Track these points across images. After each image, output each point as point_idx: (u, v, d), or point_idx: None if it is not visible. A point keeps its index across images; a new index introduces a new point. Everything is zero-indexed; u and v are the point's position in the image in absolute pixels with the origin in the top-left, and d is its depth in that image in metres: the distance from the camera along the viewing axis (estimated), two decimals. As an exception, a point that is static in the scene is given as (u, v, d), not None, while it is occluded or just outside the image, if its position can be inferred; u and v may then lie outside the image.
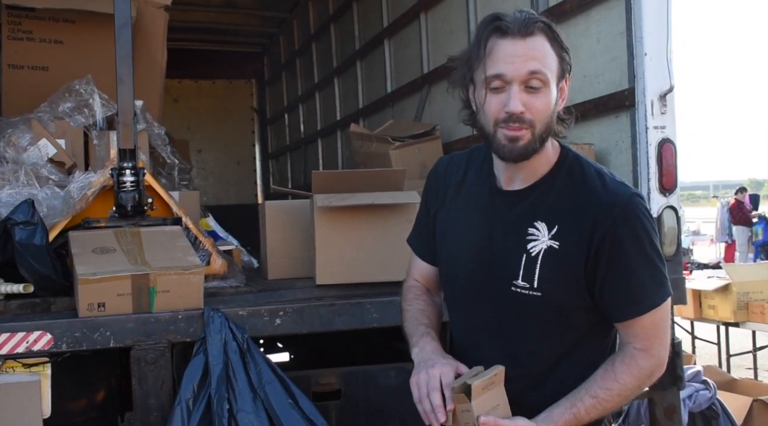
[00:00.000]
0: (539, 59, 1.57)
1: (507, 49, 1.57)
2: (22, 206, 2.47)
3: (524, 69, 1.56)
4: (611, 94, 3.14)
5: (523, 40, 1.57)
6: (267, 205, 3.18)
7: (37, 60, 3.81)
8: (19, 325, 2.26)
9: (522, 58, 1.56)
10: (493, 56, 1.58)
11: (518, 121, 1.58)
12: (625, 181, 1.71)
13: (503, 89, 1.58)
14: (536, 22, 1.58)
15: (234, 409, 2.23)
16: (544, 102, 1.59)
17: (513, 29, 1.57)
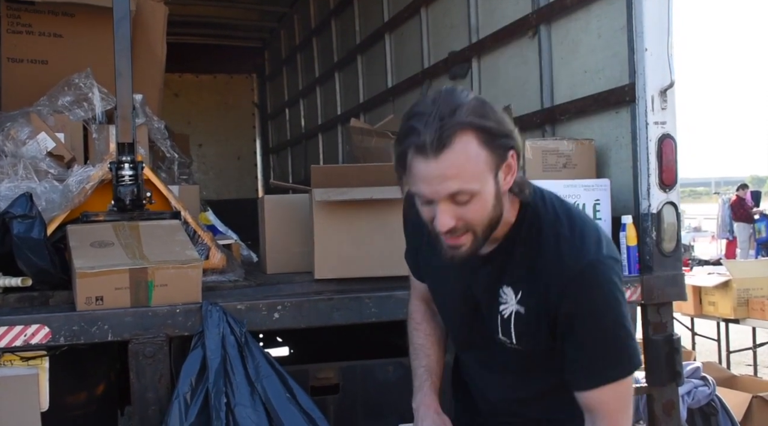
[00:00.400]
0: (458, 177, 1.45)
1: (422, 171, 1.45)
2: (20, 200, 2.46)
3: (443, 192, 1.46)
4: (611, 90, 3.13)
5: (437, 160, 1.43)
6: (266, 200, 3.17)
7: (37, 53, 3.81)
8: (17, 319, 2.26)
9: (438, 179, 1.45)
10: (412, 173, 1.47)
11: (453, 232, 1.51)
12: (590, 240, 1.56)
13: (430, 203, 1.50)
14: (452, 129, 1.43)
15: (231, 403, 2.23)
16: (476, 209, 1.49)
17: (426, 146, 1.43)
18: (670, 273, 2.87)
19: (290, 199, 3.27)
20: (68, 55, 3.79)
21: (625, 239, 2.86)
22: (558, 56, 3.58)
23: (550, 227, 1.57)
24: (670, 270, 2.88)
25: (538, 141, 3.18)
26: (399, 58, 5.51)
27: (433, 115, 1.44)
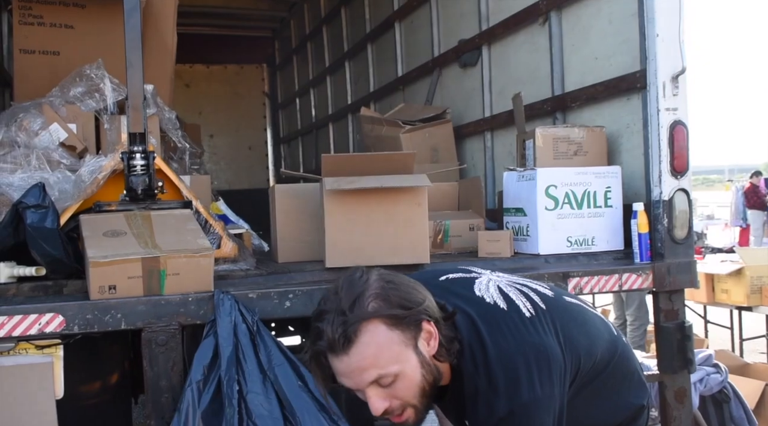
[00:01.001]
0: (374, 365, 1.50)
1: (339, 368, 1.52)
2: (33, 190, 2.48)
3: (363, 382, 1.52)
4: (623, 76, 3.11)
5: (348, 356, 1.49)
6: (277, 189, 3.18)
7: (48, 45, 3.82)
8: (31, 308, 2.28)
9: (356, 372, 1.51)
10: (335, 368, 1.54)
11: (390, 413, 1.56)
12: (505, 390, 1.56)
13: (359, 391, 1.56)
14: (355, 325, 1.49)
15: (244, 390, 2.24)
16: (405, 387, 1.54)
17: (334, 346, 1.50)
18: (682, 260, 2.86)
19: (301, 188, 3.27)
20: (79, 46, 3.80)
21: (637, 226, 2.85)
22: (569, 43, 3.57)
23: (469, 382, 1.60)
24: (682, 257, 2.87)
25: (548, 128, 3.17)
26: (409, 46, 5.50)
27: (335, 311, 1.50)
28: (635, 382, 1.85)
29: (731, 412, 4.02)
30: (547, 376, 1.58)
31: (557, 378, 1.59)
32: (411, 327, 1.54)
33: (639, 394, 1.86)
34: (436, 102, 4.88)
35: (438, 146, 4.37)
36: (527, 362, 1.58)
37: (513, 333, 1.62)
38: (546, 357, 1.60)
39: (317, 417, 2.26)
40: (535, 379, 1.56)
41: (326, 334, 1.50)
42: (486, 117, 4.30)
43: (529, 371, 1.57)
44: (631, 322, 6.07)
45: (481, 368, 1.59)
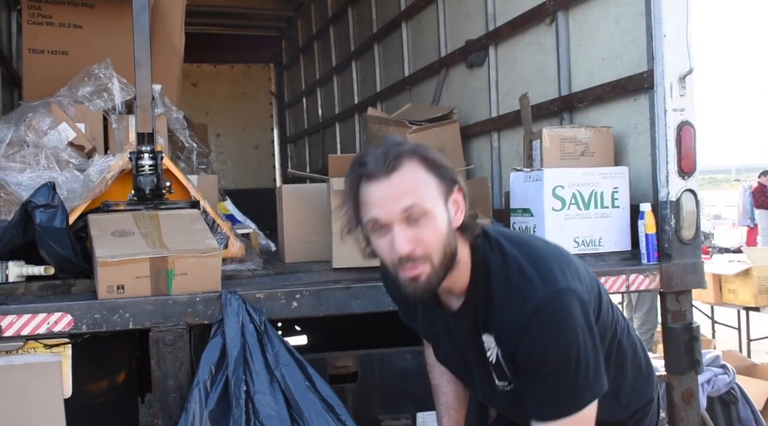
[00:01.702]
0: (410, 192, 1.52)
1: (374, 193, 1.53)
2: (42, 189, 2.49)
3: (396, 209, 1.52)
4: (630, 77, 3.11)
5: (388, 179, 1.52)
6: (284, 189, 3.19)
7: (57, 44, 3.84)
8: (40, 307, 2.29)
9: (392, 197, 1.52)
10: (364, 202, 1.55)
11: (411, 260, 1.54)
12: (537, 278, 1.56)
13: (386, 232, 1.54)
14: (398, 155, 1.53)
15: (251, 390, 2.25)
16: (432, 230, 1.53)
17: (375, 171, 1.53)
18: (689, 261, 2.85)
19: (308, 188, 3.28)
20: (88, 45, 3.82)
21: (644, 227, 2.84)
22: (576, 43, 3.56)
23: (498, 273, 1.60)
24: (689, 258, 2.86)
25: (555, 129, 3.17)
26: (416, 46, 5.50)
27: (378, 151, 1.55)
28: (643, 368, 1.85)
29: (739, 413, 4.01)
30: (579, 278, 1.59)
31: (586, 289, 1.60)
32: (445, 182, 1.56)
33: (647, 383, 1.86)
34: (442, 102, 4.88)
35: (445, 146, 4.36)
36: (558, 260, 1.60)
37: (539, 240, 1.70)
38: (575, 265, 1.63)
39: (324, 417, 2.27)
40: (568, 274, 1.57)
41: (369, 162, 1.54)
42: (493, 117, 4.30)
43: (561, 267, 1.57)
44: (639, 326, 6.05)
45: (511, 260, 1.59)
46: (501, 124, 4.21)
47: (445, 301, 1.70)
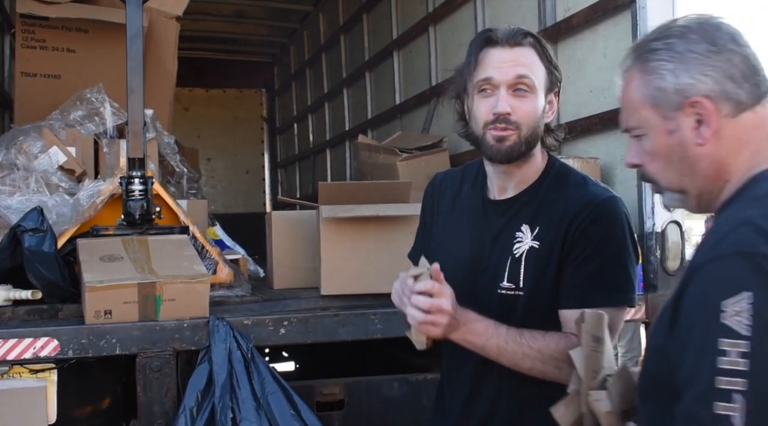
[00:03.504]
0: (526, 66, 1.69)
1: (495, 57, 1.70)
2: (31, 213, 2.50)
3: (511, 73, 1.67)
4: (617, 109, 3.14)
5: (511, 49, 1.69)
6: (274, 216, 3.20)
7: (50, 68, 3.87)
8: (26, 331, 2.29)
9: (509, 63, 1.68)
10: (483, 63, 1.70)
11: (505, 121, 1.68)
12: (620, 195, 1.77)
13: (492, 93, 1.69)
14: (525, 36, 1.71)
15: (237, 418, 2.24)
16: (531, 106, 1.69)
17: (502, 39, 1.70)
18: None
19: (297, 215, 3.30)
20: (81, 70, 3.85)
21: (630, 258, 2.87)
22: (564, 75, 3.53)
23: (576, 174, 1.80)
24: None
25: (544, 159, 3.20)
26: (407, 75, 5.55)
27: (508, 28, 1.73)
28: None
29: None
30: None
31: None
32: (552, 78, 1.73)
33: None
34: (433, 130, 4.92)
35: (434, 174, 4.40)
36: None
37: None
38: None
39: (310, 445, 2.27)
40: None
41: (498, 32, 1.72)
42: (482, 146, 4.33)
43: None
44: (623, 354, 6.06)
45: (578, 173, 1.81)
46: (490, 154, 4.25)
47: (500, 186, 1.80)
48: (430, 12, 5.01)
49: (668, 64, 1.25)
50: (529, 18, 3.85)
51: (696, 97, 1.23)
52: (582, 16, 3.40)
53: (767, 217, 1.12)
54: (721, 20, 1.28)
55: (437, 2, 4.91)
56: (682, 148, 1.27)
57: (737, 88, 1.22)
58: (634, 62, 1.33)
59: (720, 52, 1.23)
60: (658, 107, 1.28)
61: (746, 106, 1.23)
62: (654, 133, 1.30)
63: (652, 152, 1.31)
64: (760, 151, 1.24)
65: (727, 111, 1.22)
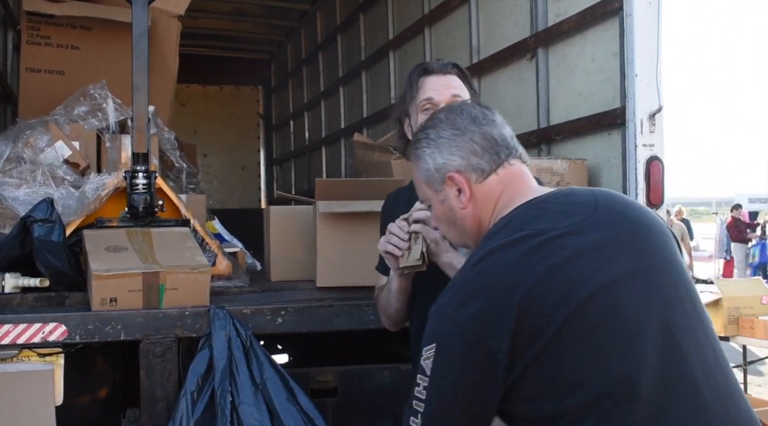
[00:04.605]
0: (457, 88, 2.08)
1: (433, 82, 2.09)
2: (41, 205, 2.59)
3: (447, 93, 2.05)
4: (604, 112, 3.27)
5: (444, 76, 2.10)
6: (271, 210, 3.31)
7: (54, 64, 3.95)
8: (35, 317, 2.39)
9: (445, 86, 2.07)
10: (423, 87, 2.09)
11: None
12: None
13: (433, 109, 1.98)
14: (453, 66, 2.12)
15: (236, 401, 2.35)
16: None
17: (436, 69, 2.10)
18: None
19: (294, 210, 3.40)
20: (84, 66, 3.93)
21: (614, 256, 2.98)
22: (554, 78, 3.73)
23: None
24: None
25: (533, 159, 3.30)
26: (402, 74, 5.65)
27: (439, 60, 2.15)
28: None
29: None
30: None
31: None
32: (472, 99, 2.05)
33: None
34: (427, 130, 5.02)
35: (427, 173, 4.50)
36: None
37: None
38: None
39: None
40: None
41: (431, 64, 2.13)
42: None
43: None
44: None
45: None
46: (482, 153, 4.35)
47: None
48: (425, 14, 5.12)
49: (427, 149, 1.57)
50: (521, 23, 3.97)
51: (450, 173, 1.54)
52: (572, 22, 3.52)
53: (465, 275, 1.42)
54: (465, 106, 1.63)
55: (433, 4, 5.02)
56: (453, 213, 1.57)
57: (480, 159, 1.53)
58: (410, 153, 1.65)
59: (463, 133, 1.55)
60: (430, 184, 1.59)
61: (490, 172, 1.53)
62: (434, 204, 1.61)
63: (437, 218, 1.63)
64: (501, 203, 1.53)
65: (476, 179, 1.53)
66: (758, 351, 6.27)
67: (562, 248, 1.37)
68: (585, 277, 1.34)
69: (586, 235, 1.40)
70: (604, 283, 1.34)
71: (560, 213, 1.44)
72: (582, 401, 1.30)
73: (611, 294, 1.34)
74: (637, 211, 1.51)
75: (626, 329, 1.33)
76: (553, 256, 1.36)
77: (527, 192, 1.53)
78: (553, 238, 1.38)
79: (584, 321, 1.32)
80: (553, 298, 1.32)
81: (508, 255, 1.37)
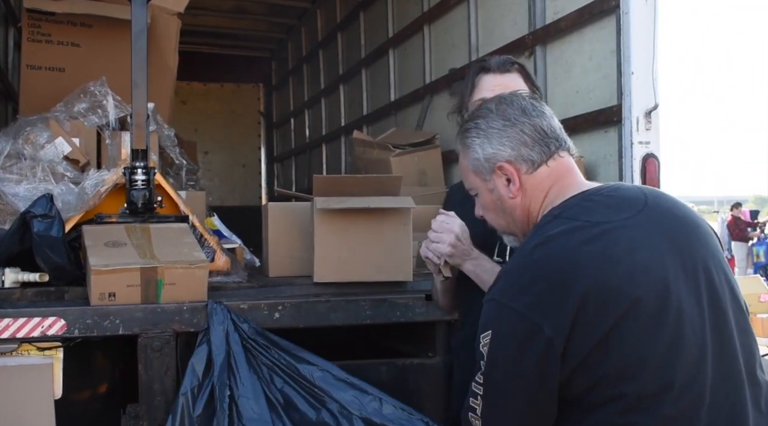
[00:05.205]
0: (513, 88, 1.93)
1: (490, 81, 2.09)
2: (41, 200, 2.61)
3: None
4: (601, 110, 3.29)
5: (502, 75, 2.09)
6: (270, 207, 3.32)
7: (55, 61, 3.97)
8: (35, 311, 2.41)
9: (500, 87, 2.01)
10: (479, 87, 2.10)
11: None
12: None
13: None
14: (513, 64, 2.12)
15: (235, 395, 2.37)
16: None
17: (494, 67, 2.11)
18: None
19: (292, 206, 3.41)
20: (85, 63, 3.95)
21: (610, 252, 2.99)
22: (552, 76, 3.75)
23: None
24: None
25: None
26: (402, 73, 5.68)
27: (499, 57, 2.15)
28: None
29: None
30: None
31: None
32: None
33: None
34: (426, 127, 5.05)
35: (426, 170, 4.53)
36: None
37: None
38: None
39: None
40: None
41: (490, 61, 2.12)
42: (473, 143, 4.46)
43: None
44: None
45: None
46: (481, 151, 4.37)
47: None
48: (425, 12, 5.14)
49: (477, 139, 1.61)
50: (519, 20, 3.99)
51: (500, 163, 1.58)
52: (570, 20, 3.54)
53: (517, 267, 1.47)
54: (515, 97, 1.64)
55: (432, 2, 5.04)
56: (502, 202, 1.61)
57: (530, 151, 1.57)
58: (459, 141, 1.68)
59: (513, 124, 1.58)
60: (478, 173, 1.63)
61: (540, 163, 1.57)
62: (482, 192, 1.65)
63: (484, 206, 1.67)
64: (551, 195, 1.57)
65: (526, 169, 1.57)
66: (757, 348, 6.27)
67: (617, 241, 1.39)
68: (642, 271, 1.37)
69: (639, 230, 1.43)
70: (660, 278, 1.38)
71: (612, 207, 1.47)
72: (635, 391, 1.33)
73: (666, 289, 1.37)
74: (683, 209, 1.54)
75: (678, 323, 1.37)
76: (611, 247, 1.38)
77: (577, 185, 1.57)
78: (607, 231, 1.40)
79: (641, 314, 1.34)
80: (614, 289, 1.34)
81: (567, 243, 1.39)
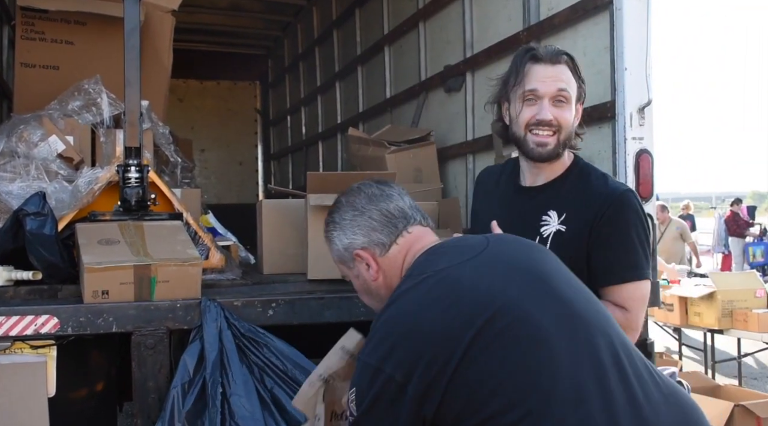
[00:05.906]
0: (565, 81, 2.03)
1: (540, 72, 2.03)
2: (33, 198, 2.61)
3: (554, 87, 2.02)
4: (595, 106, 3.29)
5: (553, 66, 2.03)
6: (264, 204, 3.33)
7: (49, 59, 3.96)
8: (28, 309, 2.40)
9: (552, 78, 2.02)
10: (529, 76, 2.03)
11: (548, 125, 2.02)
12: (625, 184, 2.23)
13: (536, 103, 2.03)
14: (563, 55, 2.06)
15: (227, 392, 2.38)
16: (569, 114, 2.05)
17: (545, 57, 2.03)
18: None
19: (287, 203, 3.41)
20: (79, 61, 3.94)
21: (604, 248, 2.99)
22: (546, 72, 3.74)
23: (597, 171, 2.14)
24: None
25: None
26: (397, 70, 5.68)
27: (549, 47, 2.09)
28: None
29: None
30: None
31: None
32: (581, 92, 2.10)
33: None
34: (421, 124, 5.05)
35: (421, 167, 4.53)
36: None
37: None
38: None
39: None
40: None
41: (540, 50, 2.05)
42: (469, 140, 4.47)
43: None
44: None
45: (603, 171, 2.17)
46: (476, 147, 4.38)
47: (531, 177, 2.14)
48: (420, 8, 5.14)
49: (334, 232, 1.78)
50: (514, 16, 3.99)
51: (356, 250, 1.73)
52: (564, 16, 3.54)
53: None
54: (363, 185, 1.81)
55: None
56: (368, 285, 1.76)
57: (380, 234, 1.72)
58: (324, 236, 1.83)
59: (362, 213, 1.74)
60: (343, 262, 1.79)
61: (390, 244, 1.72)
62: (352, 280, 1.81)
63: (358, 292, 1.84)
64: (405, 265, 1.69)
65: (380, 252, 1.72)
66: (752, 344, 6.30)
67: (460, 276, 1.52)
68: (485, 298, 1.47)
69: (482, 261, 1.56)
70: (505, 299, 1.48)
71: (457, 250, 1.62)
72: (498, 407, 1.40)
73: (513, 309, 1.46)
74: (523, 241, 1.73)
75: (530, 337, 1.45)
76: (453, 287, 1.50)
77: (424, 246, 1.70)
78: (451, 269, 1.53)
79: (490, 336, 1.43)
80: (459, 323, 1.43)
81: (410, 298, 1.52)
